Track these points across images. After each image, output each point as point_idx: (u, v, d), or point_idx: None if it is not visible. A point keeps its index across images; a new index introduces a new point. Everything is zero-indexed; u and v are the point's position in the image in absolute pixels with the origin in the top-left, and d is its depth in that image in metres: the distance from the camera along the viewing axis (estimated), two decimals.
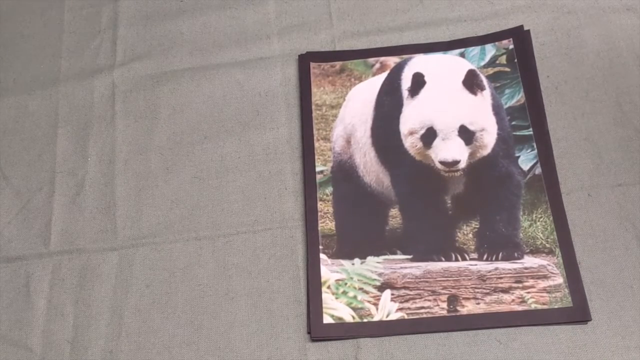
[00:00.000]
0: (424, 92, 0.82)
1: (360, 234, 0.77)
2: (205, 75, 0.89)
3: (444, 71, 0.83)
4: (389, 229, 0.77)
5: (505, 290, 0.72)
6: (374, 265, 0.75)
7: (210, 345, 0.73)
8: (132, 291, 0.77)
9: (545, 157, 0.78)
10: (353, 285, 0.74)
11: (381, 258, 0.75)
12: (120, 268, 0.78)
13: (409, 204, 0.78)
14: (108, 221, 0.81)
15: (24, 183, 0.85)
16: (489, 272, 0.73)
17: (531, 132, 0.79)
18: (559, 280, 0.72)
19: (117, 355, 0.74)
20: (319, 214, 0.78)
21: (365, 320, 0.72)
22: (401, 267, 0.74)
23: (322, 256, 0.76)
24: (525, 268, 0.73)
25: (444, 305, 0.72)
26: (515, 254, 0.73)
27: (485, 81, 0.82)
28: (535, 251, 0.73)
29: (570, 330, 0.70)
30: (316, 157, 0.81)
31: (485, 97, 0.81)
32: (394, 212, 0.77)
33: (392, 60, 0.86)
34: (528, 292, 0.71)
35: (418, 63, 0.84)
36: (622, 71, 0.82)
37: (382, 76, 0.85)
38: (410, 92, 0.82)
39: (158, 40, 0.93)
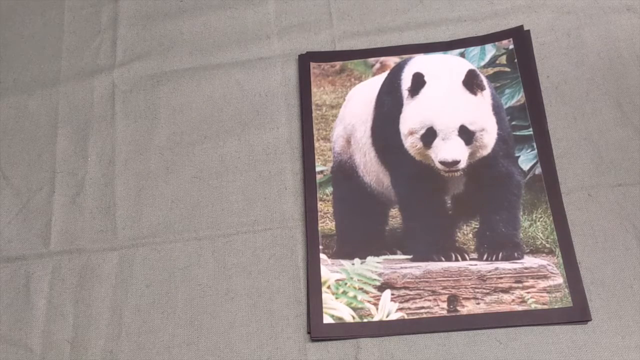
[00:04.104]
0: (424, 92, 0.82)
1: (360, 234, 0.77)
2: (205, 75, 0.89)
3: (444, 71, 0.83)
4: (389, 229, 0.77)
5: (505, 290, 0.72)
6: (374, 265, 0.75)
7: (210, 345, 0.73)
8: (132, 291, 0.77)
9: (545, 157, 0.78)
10: (353, 285, 0.74)
11: (381, 258, 0.75)
12: (120, 268, 0.78)
13: (409, 204, 0.78)
14: (108, 221, 0.81)
15: (24, 183, 0.85)
16: (489, 272, 0.73)
17: (531, 132, 0.79)
18: (559, 280, 0.71)
19: (117, 355, 0.74)
20: (319, 214, 0.78)
21: (365, 320, 0.72)
22: (401, 267, 0.74)
23: (322, 256, 0.76)
24: (525, 268, 0.73)
25: (444, 305, 0.72)
26: (515, 254, 0.73)
27: (485, 81, 0.82)
28: (535, 251, 0.73)
29: (570, 330, 0.70)
30: (316, 157, 0.81)
31: (485, 97, 0.81)
32: (394, 212, 0.77)
33: (392, 60, 0.86)
34: (528, 292, 0.71)
35: (418, 63, 0.84)
36: (622, 71, 0.82)
37: (382, 76, 0.85)
38: (410, 92, 0.82)
39: (158, 40, 0.92)
